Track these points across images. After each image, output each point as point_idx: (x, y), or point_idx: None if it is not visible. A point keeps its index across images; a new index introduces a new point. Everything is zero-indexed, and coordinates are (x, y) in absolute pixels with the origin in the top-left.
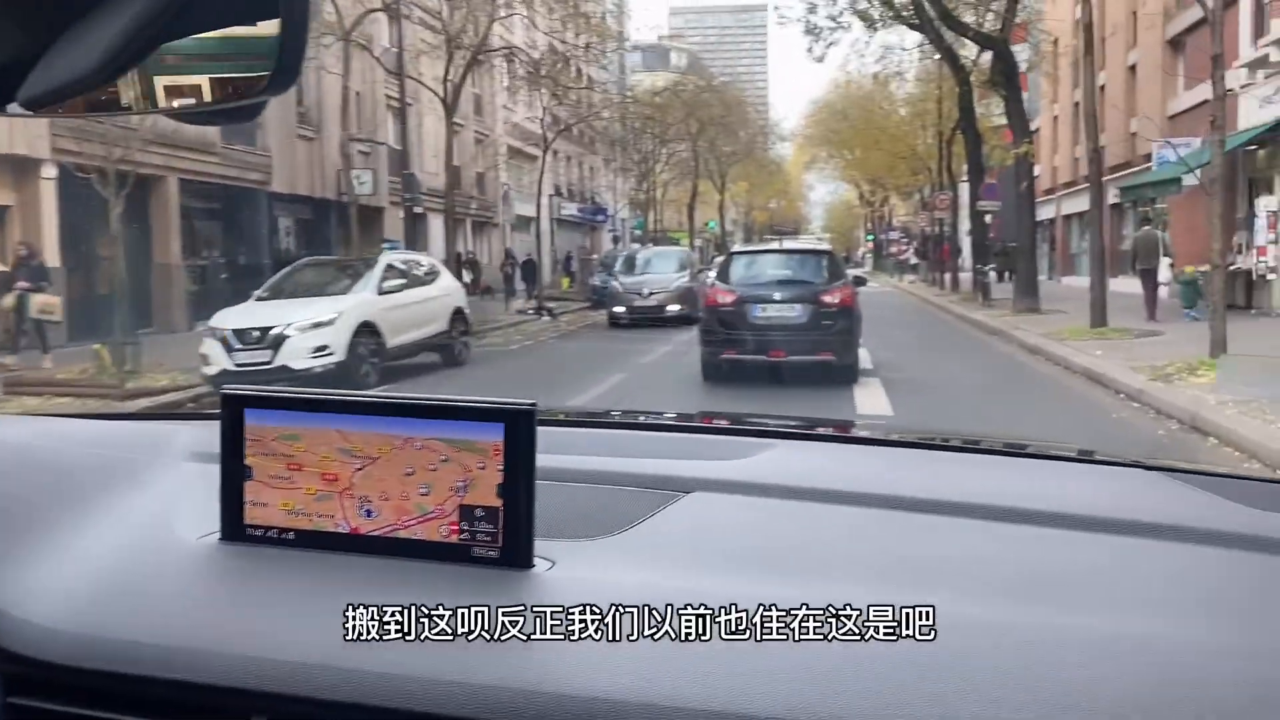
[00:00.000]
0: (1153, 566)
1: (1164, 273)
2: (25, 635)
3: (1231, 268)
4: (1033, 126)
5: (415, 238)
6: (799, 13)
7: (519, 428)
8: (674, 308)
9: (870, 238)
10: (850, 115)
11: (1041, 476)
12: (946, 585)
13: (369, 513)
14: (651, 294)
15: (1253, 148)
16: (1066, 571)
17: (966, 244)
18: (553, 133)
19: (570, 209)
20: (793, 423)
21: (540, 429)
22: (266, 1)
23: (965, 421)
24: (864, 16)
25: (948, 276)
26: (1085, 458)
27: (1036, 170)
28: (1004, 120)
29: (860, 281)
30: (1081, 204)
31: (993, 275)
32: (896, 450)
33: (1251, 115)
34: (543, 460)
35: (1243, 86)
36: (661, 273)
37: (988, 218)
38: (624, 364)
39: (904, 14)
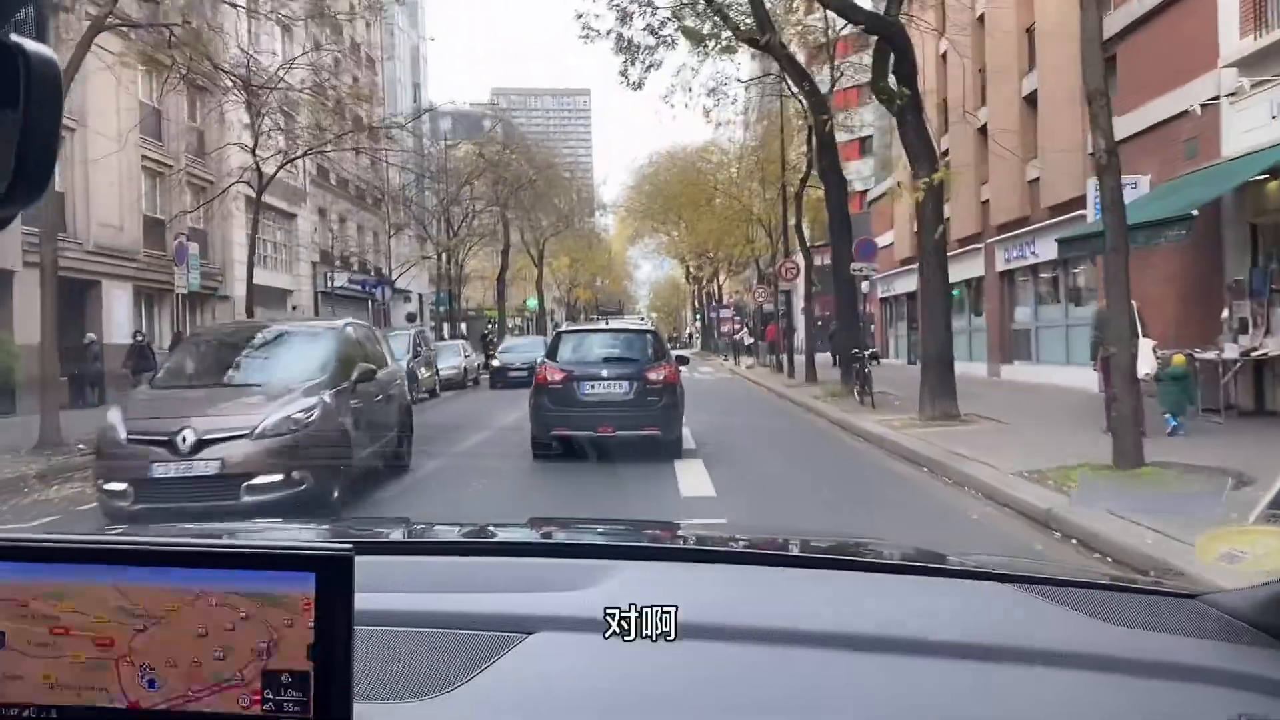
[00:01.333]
0: (1025, 694)
1: (1146, 362)
2: None
3: (1257, 353)
4: (880, 189)
5: (71, 310)
6: (609, 23)
7: (334, 577)
8: (263, 482)
9: (698, 317)
10: (673, 185)
11: (904, 593)
12: None
13: (152, 683)
14: (204, 445)
15: (1262, 177)
16: (934, 706)
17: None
18: (297, 171)
19: (341, 279)
20: (631, 533)
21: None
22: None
23: None
24: (691, 35)
25: (800, 360)
26: (944, 569)
27: (889, 239)
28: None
29: (683, 360)
30: (959, 273)
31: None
32: (749, 568)
33: (1252, 133)
34: (359, 600)
35: (1256, 84)
36: (261, 382)
37: (865, 285)
38: None
39: (743, 27)
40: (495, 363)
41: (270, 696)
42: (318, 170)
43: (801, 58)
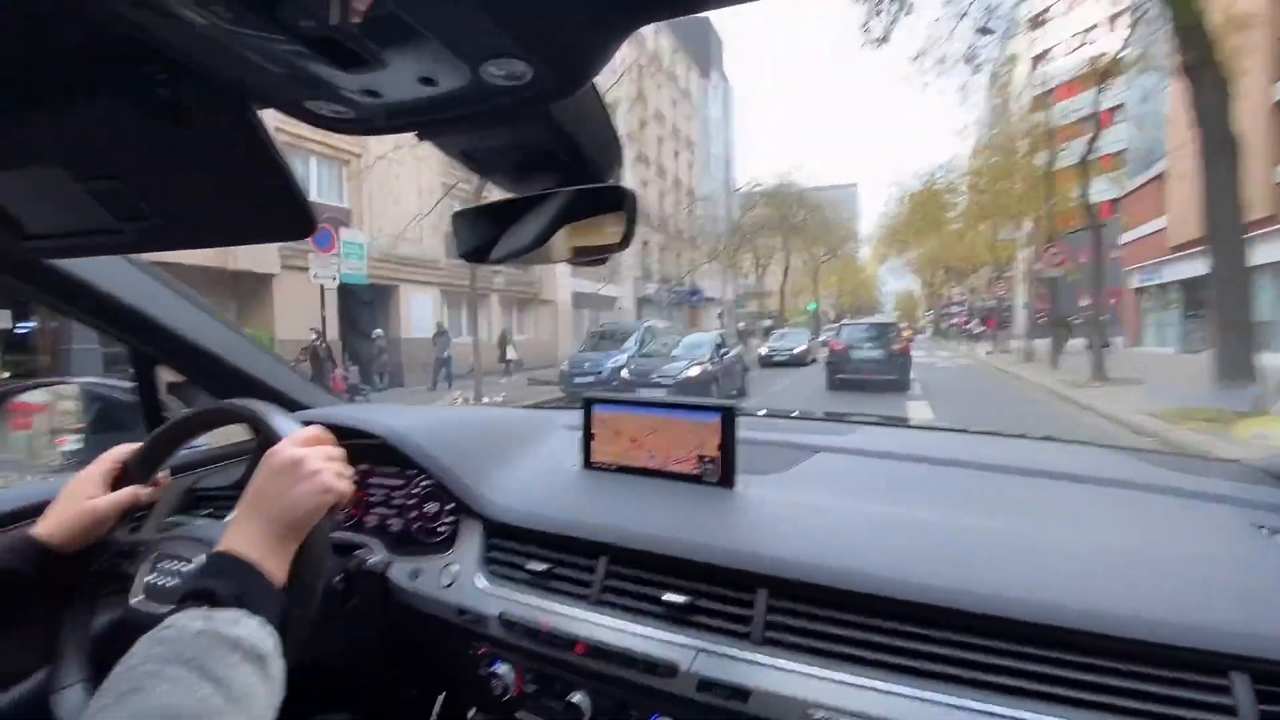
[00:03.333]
0: (1110, 505)
1: None
2: (493, 512)
3: None
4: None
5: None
6: None
7: (728, 416)
8: (688, 384)
9: (929, 313)
10: (914, 221)
11: (1048, 452)
12: (963, 507)
13: (652, 456)
14: (669, 375)
15: None
16: (1056, 504)
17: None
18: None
19: (650, 289)
20: (873, 418)
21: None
22: (612, 198)
23: None
24: None
25: (1025, 346)
26: (1090, 443)
27: (1153, 226)
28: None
29: (911, 338)
30: None
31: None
32: (939, 433)
33: None
34: (740, 434)
35: None
36: (684, 358)
37: None
38: None
39: None
40: (764, 350)
41: (701, 466)
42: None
43: None
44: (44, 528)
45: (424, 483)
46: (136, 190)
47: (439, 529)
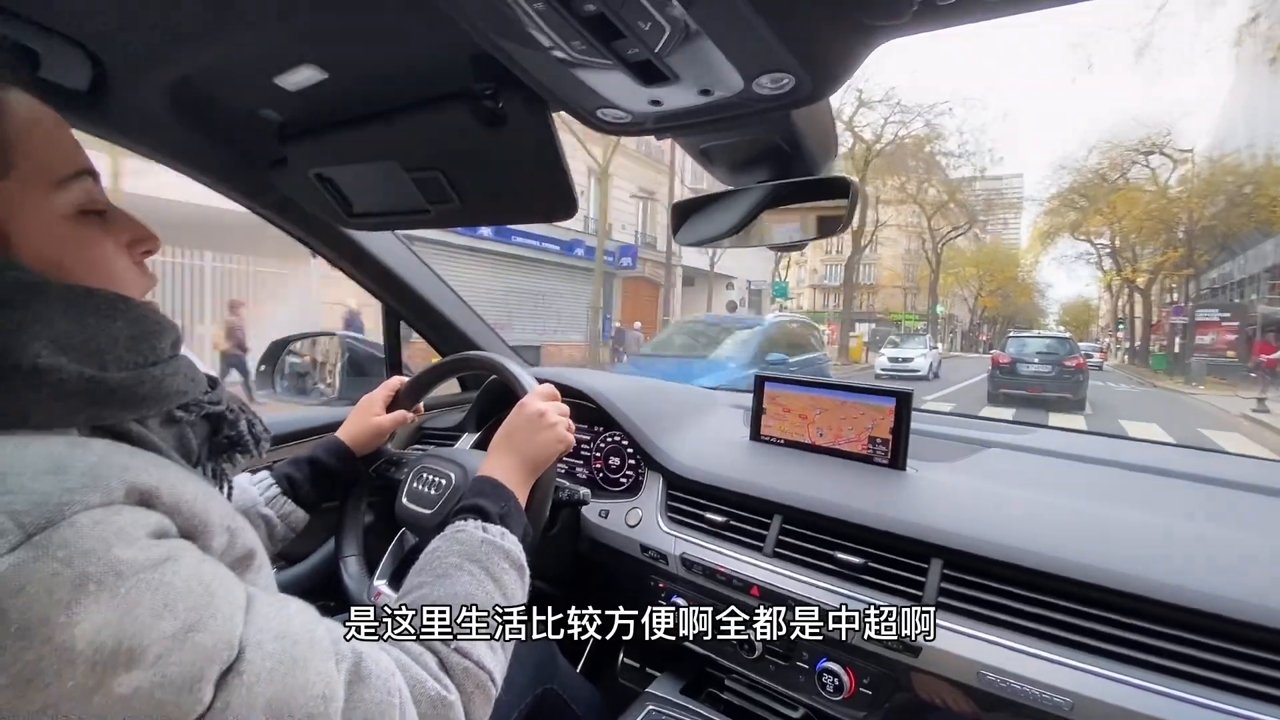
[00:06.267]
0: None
1: None
2: (675, 468)
3: None
4: None
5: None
6: None
7: (903, 402)
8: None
9: (1121, 325)
10: (1107, 174)
11: (1224, 463)
12: (1132, 503)
13: (820, 434)
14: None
15: None
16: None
17: None
18: None
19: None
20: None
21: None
22: (835, 188)
23: None
24: None
25: None
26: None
27: None
28: None
29: (1088, 356)
30: None
31: None
32: (1114, 440)
33: None
34: (916, 426)
35: None
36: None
37: None
38: None
39: None
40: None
41: (871, 447)
42: None
43: None
44: (344, 433)
45: (611, 438)
46: (450, 179)
47: (620, 479)
